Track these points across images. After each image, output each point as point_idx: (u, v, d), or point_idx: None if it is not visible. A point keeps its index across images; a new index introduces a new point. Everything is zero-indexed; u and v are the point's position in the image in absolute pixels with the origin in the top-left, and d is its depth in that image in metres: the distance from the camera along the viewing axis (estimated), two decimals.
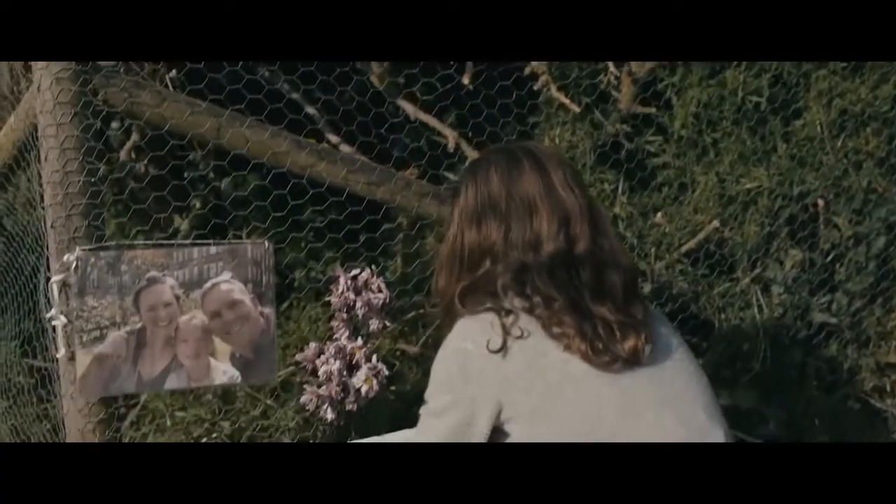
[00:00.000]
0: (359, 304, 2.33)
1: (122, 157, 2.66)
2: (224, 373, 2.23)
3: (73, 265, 2.09)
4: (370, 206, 2.48)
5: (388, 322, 2.39)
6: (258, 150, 2.28)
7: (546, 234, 1.72)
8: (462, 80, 2.86)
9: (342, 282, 2.33)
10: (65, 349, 2.13)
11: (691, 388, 1.71)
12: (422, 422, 1.77)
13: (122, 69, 2.16)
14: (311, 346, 2.35)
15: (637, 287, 1.79)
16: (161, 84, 2.41)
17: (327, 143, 2.67)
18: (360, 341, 2.34)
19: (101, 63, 2.10)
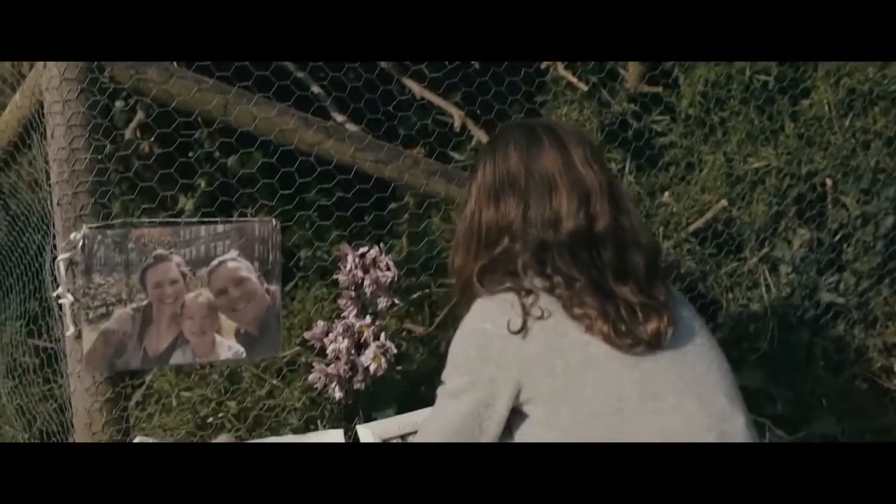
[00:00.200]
0: (367, 282, 2.32)
1: (127, 135, 2.64)
2: (229, 349, 2.23)
3: (80, 243, 2.08)
4: (377, 184, 2.46)
5: (396, 300, 2.38)
6: (265, 128, 2.27)
7: (566, 212, 1.69)
8: None
9: (350, 259, 2.32)
10: (73, 327, 2.12)
11: (712, 372, 1.68)
12: (439, 402, 1.74)
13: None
14: (319, 324, 2.34)
15: (659, 267, 1.75)
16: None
17: (333, 121, 2.65)
18: (368, 319, 2.33)
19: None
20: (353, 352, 2.30)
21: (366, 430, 2.08)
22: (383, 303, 2.36)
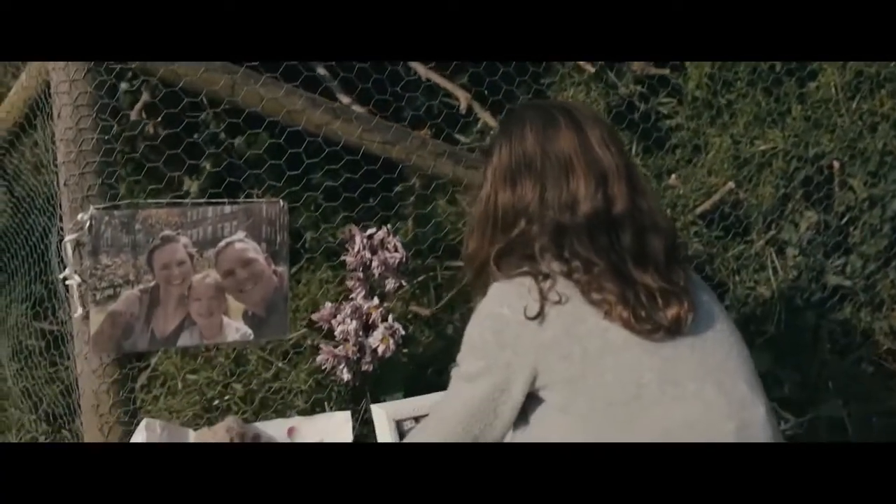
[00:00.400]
0: (375, 263, 2.30)
1: (132, 116, 2.63)
2: (237, 331, 2.22)
3: (87, 224, 2.07)
4: (383, 165, 2.45)
5: (404, 282, 2.37)
6: (273, 108, 2.26)
7: (583, 194, 1.67)
8: None
9: (358, 240, 2.31)
10: (80, 308, 2.12)
11: (732, 359, 1.66)
12: (453, 385, 1.73)
13: None
14: (327, 305, 2.33)
15: (677, 251, 1.73)
16: None
17: (339, 103, 2.63)
18: (375, 301, 2.32)
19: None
20: (361, 333, 2.29)
21: (380, 410, 2.08)
22: (391, 284, 2.35)
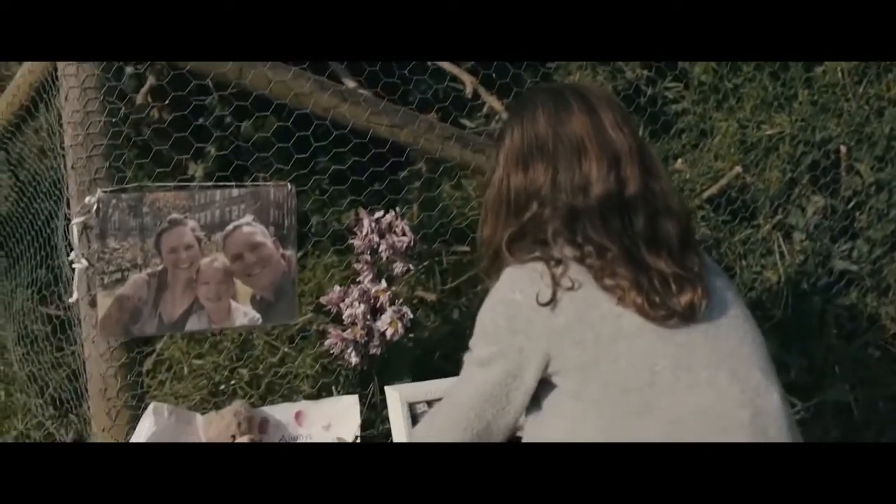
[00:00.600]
0: (383, 247, 2.29)
1: (138, 100, 2.62)
2: (245, 315, 2.22)
3: (95, 207, 2.06)
4: (390, 149, 2.44)
5: (412, 265, 2.36)
6: (280, 91, 2.25)
7: (595, 177, 1.66)
8: None
9: (366, 224, 2.30)
10: (84, 292, 2.11)
11: (746, 346, 1.65)
12: (465, 370, 1.73)
13: None
14: (335, 289, 2.32)
15: (691, 236, 1.72)
16: None
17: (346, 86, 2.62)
18: (384, 284, 2.31)
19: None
20: (369, 317, 2.28)
21: (393, 392, 2.08)
22: (399, 268, 2.34)
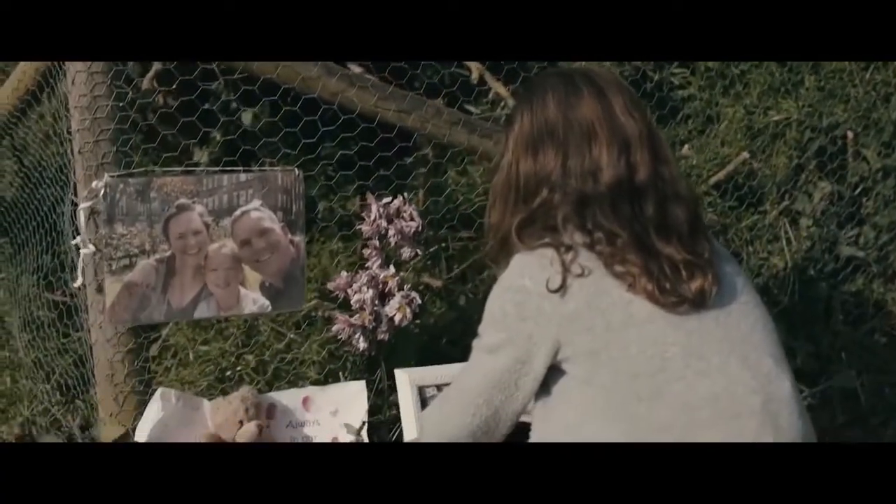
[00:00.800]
0: (391, 232, 2.29)
1: (144, 84, 2.61)
2: (254, 302, 2.21)
3: (102, 192, 2.06)
4: (397, 135, 2.43)
5: (419, 251, 2.36)
6: (288, 76, 2.24)
7: (605, 162, 1.66)
8: None
9: (374, 209, 2.29)
10: (92, 277, 2.11)
11: (757, 332, 1.65)
12: (475, 356, 1.72)
13: None
14: (343, 274, 2.31)
15: (700, 221, 1.72)
16: None
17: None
18: (392, 269, 2.30)
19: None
20: (377, 302, 2.27)
21: (403, 375, 2.08)
22: (407, 253, 2.33)
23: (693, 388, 1.56)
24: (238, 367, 2.60)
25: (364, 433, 2.19)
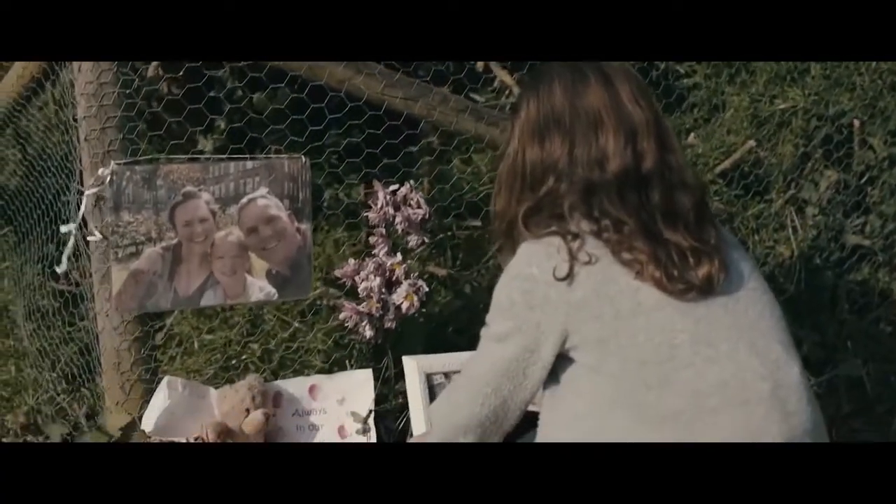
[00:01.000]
0: (398, 220, 2.28)
1: (149, 72, 2.60)
2: (261, 290, 2.21)
3: (108, 179, 2.05)
4: (404, 122, 2.42)
5: (426, 238, 2.35)
6: (294, 64, 2.23)
7: (612, 150, 1.65)
8: None
9: (381, 196, 2.28)
10: (92, 265, 2.10)
11: (765, 319, 1.64)
12: (483, 344, 1.72)
13: None
14: (350, 262, 2.31)
15: (707, 209, 1.71)
16: None
17: None
18: (399, 257, 2.30)
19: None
20: (384, 290, 2.27)
21: (411, 362, 2.08)
22: (414, 240, 2.32)
23: (702, 375, 1.55)
24: (243, 356, 2.59)
25: (371, 421, 2.19)
